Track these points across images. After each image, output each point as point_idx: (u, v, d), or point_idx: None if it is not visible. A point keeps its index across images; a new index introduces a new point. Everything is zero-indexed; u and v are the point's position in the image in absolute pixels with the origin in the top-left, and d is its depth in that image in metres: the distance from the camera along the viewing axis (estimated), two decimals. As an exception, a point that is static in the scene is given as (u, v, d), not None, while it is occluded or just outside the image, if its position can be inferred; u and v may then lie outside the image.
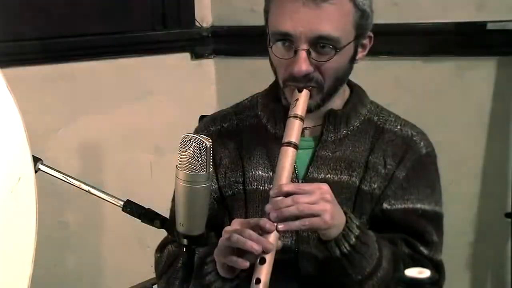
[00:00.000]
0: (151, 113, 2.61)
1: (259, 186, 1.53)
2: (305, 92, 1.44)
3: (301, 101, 1.43)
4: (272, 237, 1.30)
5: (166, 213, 1.36)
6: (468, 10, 2.26)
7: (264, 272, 1.28)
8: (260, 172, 1.54)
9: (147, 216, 1.33)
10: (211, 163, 1.14)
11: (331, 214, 1.32)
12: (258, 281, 1.28)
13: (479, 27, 2.23)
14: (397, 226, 1.50)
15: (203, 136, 1.14)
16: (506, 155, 2.29)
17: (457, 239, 2.28)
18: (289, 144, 1.39)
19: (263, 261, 1.29)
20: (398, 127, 1.56)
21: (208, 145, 1.13)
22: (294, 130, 1.40)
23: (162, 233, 1.41)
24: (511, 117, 2.27)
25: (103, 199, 1.36)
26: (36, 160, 1.34)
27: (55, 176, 1.39)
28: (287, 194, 1.32)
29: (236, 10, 2.64)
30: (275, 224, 1.30)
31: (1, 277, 1.11)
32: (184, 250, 1.20)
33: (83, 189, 1.37)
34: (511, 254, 2.29)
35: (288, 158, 1.38)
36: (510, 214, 2.25)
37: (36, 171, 1.33)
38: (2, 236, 1.12)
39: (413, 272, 0.98)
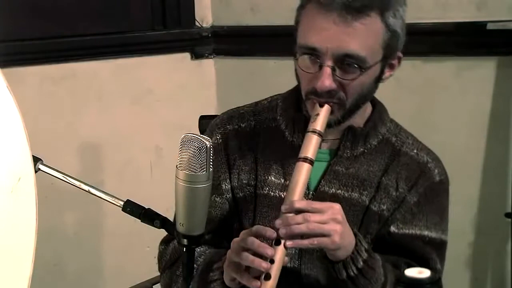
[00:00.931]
0: (151, 113, 2.61)
1: (270, 192, 1.52)
2: (326, 108, 1.42)
3: (321, 116, 1.41)
4: (279, 253, 1.29)
5: (166, 213, 1.36)
6: (468, 10, 2.25)
7: None
8: (273, 178, 1.52)
9: (147, 216, 1.33)
10: (211, 163, 1.14)
11: (341, 235, 1.31)
12: None
13: (479, 27, 2.23)
14: (402, 250, 1.50)
15: (203, 136, 1.14)
16: (506, 155, 2.28)
17: (457, 239, 2.27)
18: (305, 159, 1.36)
19: (268, 277, 1.28)
20: (415, 151, 1.55)
21: (208, 145, 1.13)
22: (311, 146, 1.38)
23: (162, 233, 1.41)
24: (511, 117, 2.27)
25: (103, 199, 1.36)
26: (36, 160, 1.34)
27: (55, 176, 1.38)
28: (299, 211, 1.31)
29: (236, 10, 2.63)
30: (283, 241, 1.29)
31: (1, 277, 1.11)
32: (184, 250, 1.20)
33: (83, 189, 1.37)
34: (511, 254, 2.29)
35: (302, 173, 1.35)
36: (510, 214, 2.24)
37: (36, 171, 1.33)
38: (2, 236, 1.12)
39: (413, 272, 0.98)
